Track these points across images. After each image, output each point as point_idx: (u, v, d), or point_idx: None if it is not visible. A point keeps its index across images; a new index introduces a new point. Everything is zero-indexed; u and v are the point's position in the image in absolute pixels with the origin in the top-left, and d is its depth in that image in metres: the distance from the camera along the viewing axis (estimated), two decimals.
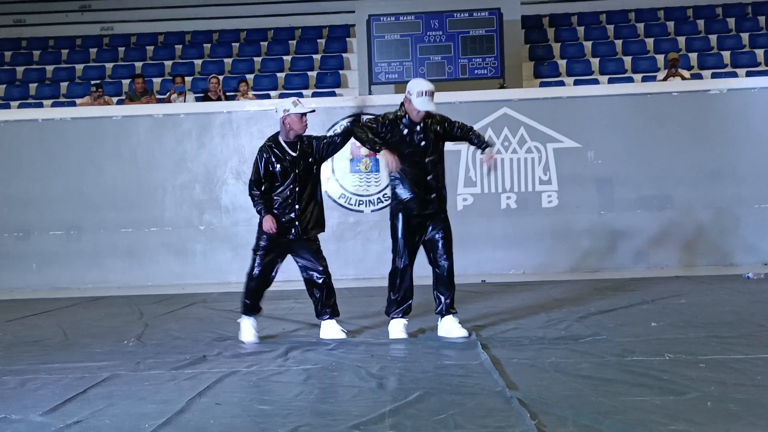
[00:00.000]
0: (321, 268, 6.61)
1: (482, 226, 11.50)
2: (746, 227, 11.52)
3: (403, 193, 6.45)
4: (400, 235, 6.54)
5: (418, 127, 6.44)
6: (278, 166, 6.50)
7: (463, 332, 6.42)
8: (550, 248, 11.64)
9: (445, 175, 6.66)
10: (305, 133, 6.67)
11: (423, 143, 6.46)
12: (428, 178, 6.47)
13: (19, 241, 11.94)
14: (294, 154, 6.57)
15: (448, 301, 6.56)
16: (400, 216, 6.50)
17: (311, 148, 6.65)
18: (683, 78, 13.03)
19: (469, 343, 6.13)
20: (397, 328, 6.54)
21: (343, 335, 6.59)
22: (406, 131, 6.43)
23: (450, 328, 6.48)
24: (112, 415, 4.38)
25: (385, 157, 6.25)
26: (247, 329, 6.66)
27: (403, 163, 6.35)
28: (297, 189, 6.55)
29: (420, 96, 6.36)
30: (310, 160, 6.63)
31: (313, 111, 6.67)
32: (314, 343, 6.46)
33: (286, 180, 6.53)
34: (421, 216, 6.49)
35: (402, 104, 6.55)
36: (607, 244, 11.64)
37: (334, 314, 6.69)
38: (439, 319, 6.60)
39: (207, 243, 11.91)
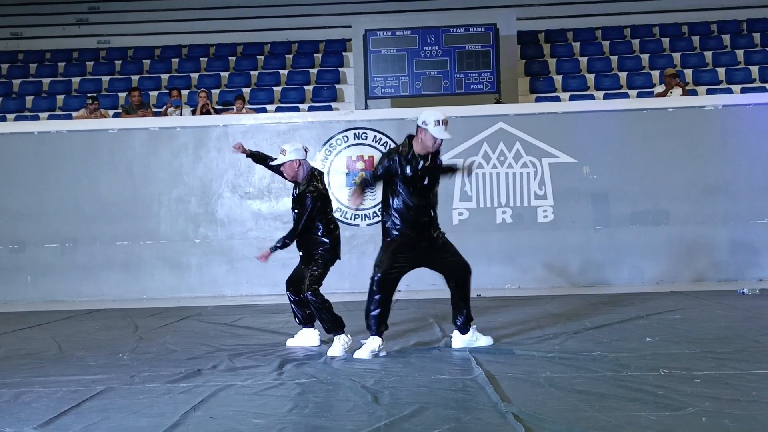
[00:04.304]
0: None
1: (478, 241, 11.50)
2: (741, 243, 11.54)
3: (399, 228, 6.42)
4: (391, 252, 6.45)
5: (421, 164, 6.35)
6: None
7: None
8: (546, 263, 11.64)
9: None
10: (302, 181, 6.89)
11: (426, 182, 6.39)
12: (432, 213, 6.47)
13: (14, 253, 11.92)
14: (293, 195, 6.96)
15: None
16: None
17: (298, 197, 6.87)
18: (683, 89, 13.09)
19: (464, 357, 6.13)
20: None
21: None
22: (409, 170, 6.32)
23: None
24: (107, 428, 4.38)
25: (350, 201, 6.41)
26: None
27: (406, 200, 6.36)
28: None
29: (438, 125, 6.25)
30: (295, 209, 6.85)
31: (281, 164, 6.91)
32: (309, 357, 6.46)
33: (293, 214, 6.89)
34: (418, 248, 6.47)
35: (407, 140, 6.46)
36: (603, 259, 11.65)
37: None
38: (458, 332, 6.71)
39: (202, 256, 11.90)
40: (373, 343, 6.40)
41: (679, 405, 4.44)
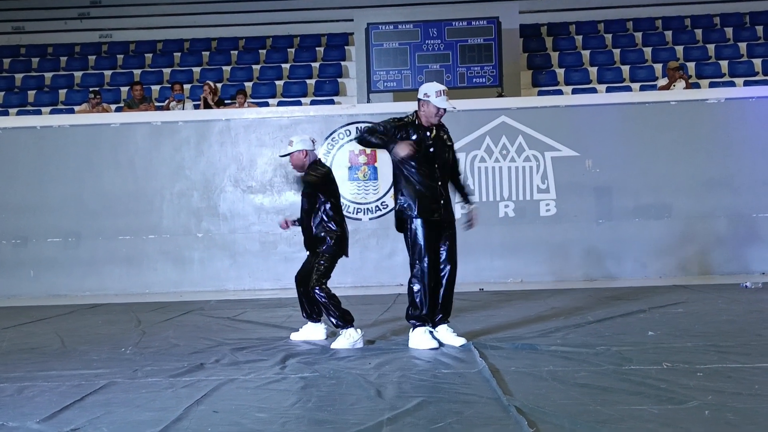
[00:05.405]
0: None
1: (480, 235, 11.44)
2: (744, 236, 11.53)
3: (409, 199, 6.42)
4: (422, 239, 6.41)
5: (428, 134, 6.43)
6: None
7: (461, 340, 6.43)
8: (548, 257, 11.65)
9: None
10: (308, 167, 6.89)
11: (432, 149, 6.44)
12: (439, 183, 6.47)
13: (17, 247, 11.94)
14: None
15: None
16: (420, 222, 6.41)
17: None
18: (686, 82, 13.07)
19: (467, 351, 6.12)
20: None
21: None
22: (415, 136, 6.39)
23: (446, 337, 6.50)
24: (110, 422, 4.38)
25: (399, 148, 6.21)
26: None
27: (413, 167, 6.38)
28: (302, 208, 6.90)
29: (439, 95, 6.36)
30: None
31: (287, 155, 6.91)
32: (312, 351, 6.45)
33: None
34: (430, 221, 6.46)
35: (414, 113, 6.54)
36: (605, 253, 11.65)
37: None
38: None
39: (205, 250, 11.91)
40: (421, 332, 6.40)
41: (682, 398, 4.43)
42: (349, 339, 6.55)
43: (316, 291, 6.62)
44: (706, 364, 5.36)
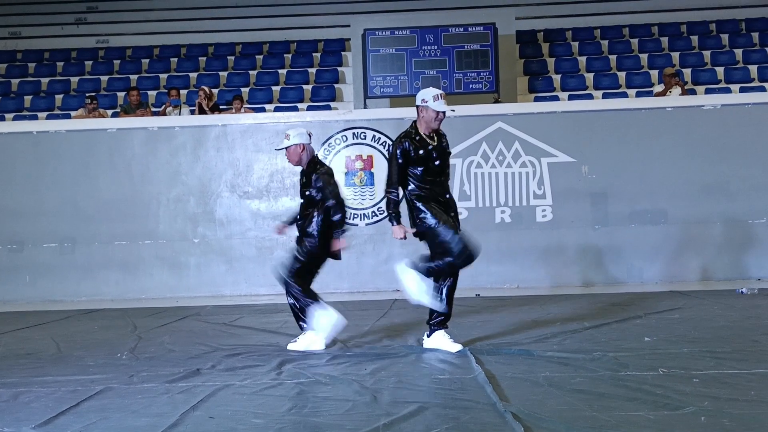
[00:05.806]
0: None
1: (476, 240, 11.49)
2: (740, 242, 11.54)
3: (429, 217, 6.36)
4: (446, 232, 6.40)
5: (430, 146, 6.39)
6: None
7: (458, 346, 6.43)
8: (544, 263, 11.64)
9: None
10: (306, 166, 6.88)
11: (438, 163, 6.43)
12: (446, 196, 6.48)
13: (13, 253, 11.92)
14: (303, 181, 6.92)
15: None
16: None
17: (309, 182, 6.82)
18: (682, 88, 13.10)
19: (464, 357, 6.12)
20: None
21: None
22: (422, 151, 6.36)
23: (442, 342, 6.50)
24: (105, 428, 4.38)
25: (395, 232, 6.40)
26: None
27: (424, 184, 6.37)
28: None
29: (437, 99, 6.33)
30: (306, 192, 6.84)
31: (282, 149, 6.90)
32: (308, 356, 6.45)
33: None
34: None
35: (413, 123, 6.51)
36: (601, 259, 11.65)
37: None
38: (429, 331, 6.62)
39: (201, 256, 11.89)
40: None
41: (678, 404, 4.44)
42: (305, 341, 6.66)
43: (288, 279, 6.66)
44: (702, 369, 5.36)
